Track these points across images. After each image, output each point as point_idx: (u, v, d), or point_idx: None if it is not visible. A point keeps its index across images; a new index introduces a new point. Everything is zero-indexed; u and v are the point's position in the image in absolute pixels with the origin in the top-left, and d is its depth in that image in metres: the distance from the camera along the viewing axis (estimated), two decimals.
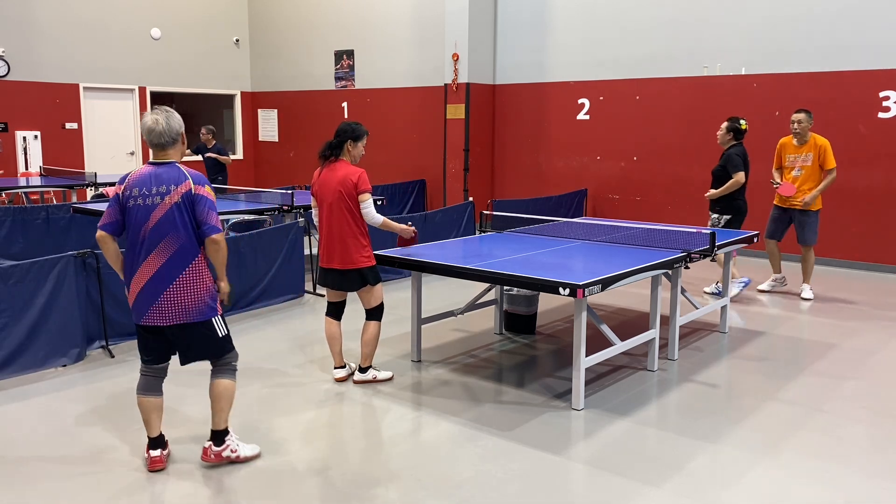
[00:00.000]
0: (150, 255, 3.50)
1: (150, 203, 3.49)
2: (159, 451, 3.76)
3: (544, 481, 3.67)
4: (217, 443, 3.76)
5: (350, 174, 4.66)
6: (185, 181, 3.52)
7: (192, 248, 3.53)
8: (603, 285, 4.37)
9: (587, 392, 4.79)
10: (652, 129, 10.55)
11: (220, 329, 3.67)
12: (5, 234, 8.47)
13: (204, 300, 3.58)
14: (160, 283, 3.50)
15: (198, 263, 3.56)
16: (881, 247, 8.89)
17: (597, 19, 10.87)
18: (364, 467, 3.81)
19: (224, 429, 3.77)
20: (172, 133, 3.59)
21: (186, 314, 3.54)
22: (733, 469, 3.80)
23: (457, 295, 7.39)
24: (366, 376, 4.98)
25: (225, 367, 3.76)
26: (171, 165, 3.58)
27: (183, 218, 3.49)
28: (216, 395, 3.73)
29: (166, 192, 3.49)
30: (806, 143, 7.24)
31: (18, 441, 4.09)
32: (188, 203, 3.50)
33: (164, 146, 3.60)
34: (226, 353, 3.73)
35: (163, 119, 3.58)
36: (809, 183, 7.27)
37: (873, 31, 8.69)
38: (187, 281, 3.53)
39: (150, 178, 3.53)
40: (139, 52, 13.98)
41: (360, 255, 4.74)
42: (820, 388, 4.98)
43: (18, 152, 12.61)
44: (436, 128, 12.55)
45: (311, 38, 14.48)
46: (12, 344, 5.06)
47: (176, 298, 3.52)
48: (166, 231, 3.48)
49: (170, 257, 3.50)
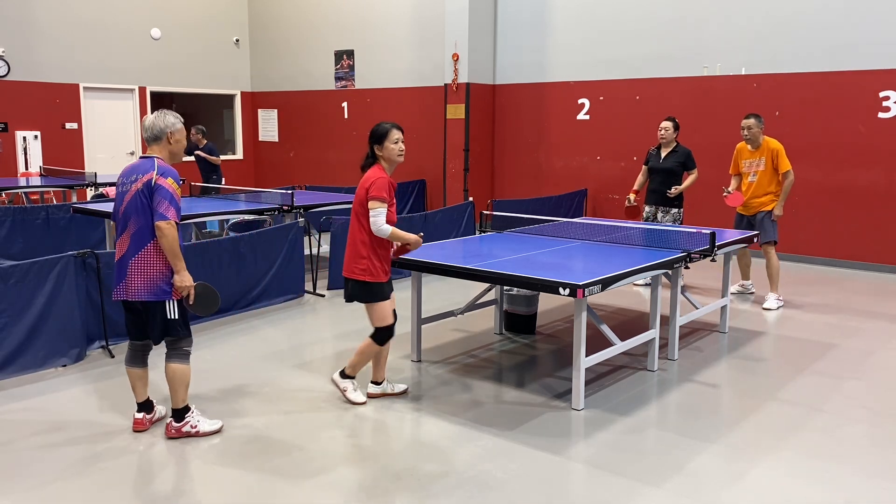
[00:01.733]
0: (122, 236, 3.93)
1: (124, 190, 3.94)
2: (143, 414, 4.19)
3: (544, 481, 3.67)
4: (177, 419, 4.11)
5: (367, 178, 4.34)
6: (150, 172, 3.88)
7: (149, 233, 3.88)
8: (603, 285, 4.37)
9: (587, 392, 4.79)
10: (652, 129, 10.53)
11: (171, 312, 3.98)
12: (5, 234, 8.47)
13: (155, 282, 3.91)
14: (125, 262, 3.92)
15: (151, 247, 3.90)
16: (881, 247, 8.89)
17: (597, 19, 10.88)
18: (364, 467, 3.80)
19: (183, 407, 4.10)
20: (155, 130, 3.98)
21: (138, 292, 3.90)
22: (733, 469, 3.80)
23: (457, 295, 7.38)
24: (343, 382, 4.64)
25: (176, 351, 4.06)
26: (149, 159, 3.96)
27: (143, 203, 3.86)
28: (168, 377, 4.07)
29: (135, 180, 3.90)
30: (759, 148, 7.05)
31: (18, 441, 4.09)
32: (148, 191, 3.86)
33: (149, 141, 4.02)
34: (176, 336, 4.04)
35: (153, 117, 4.01)
36: (765, 187, 7.05)
37: (873, 31, 8.69)
38: (142, 262, 3.89)
39: (131, 169, 3.98)
40: (139, 52, 13.97)
41: (356, 266, 4.39)
42: (820, 388, 4.98)
43: (18, 152, 12.61)
44: (436, 128, 12.54)
45: (311, 38, 14.48)
46: (12, 344, 5.06)
47: (133, 277, 3.90)
48: (130, 214, 3.89)
49: (131, 238, 3.90)
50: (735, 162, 7.33)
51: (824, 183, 9.21)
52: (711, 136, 9.94)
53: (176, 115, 4.09)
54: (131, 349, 4.16)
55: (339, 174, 14.03)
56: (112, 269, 5.60)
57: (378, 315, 4.44)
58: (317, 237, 8.26)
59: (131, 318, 4.08)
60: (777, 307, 7.06)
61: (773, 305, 7.06)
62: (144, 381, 4.19)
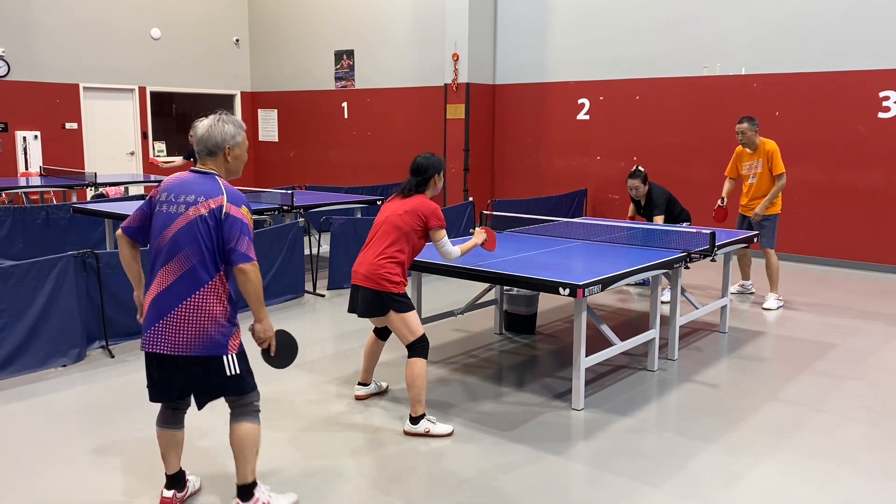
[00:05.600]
0: (164, 268, 3.06)
1: (173, 211, 3.07)
2: (173, 492, 3.32)
3: (544, 481, 3.67)
4: (244, 497, 3.23)
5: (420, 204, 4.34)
6: (219, 196, 3.06)
7: (207, 271, 3.04)
8: (603, 285, 4.37)
9: (587, 392, 4.79)
10: (652, 129, 10.56)
11: (231, 368, 3.12)
12: (5, 234, 8.48)
13: (209, 332, 3.05)
14: (166, 303, 3.05)
15: (210, 289, 3.05)
16: (881, 247, 8.89)
17: (597, 19, 10.88)
18: (364, 467, 3.80)
19: (251, 482, 3.24)
20: (210, 143, 3.17)
21: (188, 345, 3.03)
22: (733, 469, 3.80)
23: (457, 295, 7.38)
24: (416, 427, 4.19)
25: (245, 408, 3.21)
26: (208, 176, 3.14)
27: (204, 235, 3.03)
28: (235, 442, 3.19)
29: (193, 202, 3.05)
30: (757, 150, 7.03)
31: (18, 441, 4.09)
32: (214, 221, 3.03)
33: (201, 154, 3.20)
34: (241, 392, 3.18)
35: (207, 124, 3.19)
36: (765, 189, 7.03)
37: (873, 31, 8.69)
38: (194, 308, 3.03)
39: (181, 185, 3.13)
40: (139, 52, 13.98)
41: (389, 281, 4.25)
42: (820, 388, 4.98)
43: (18, 152, 12.61)
44: (436, 128, 12.54)
45: (311, 38, 14.48)
46: (12, 344, 5.06)
47: (181, 326, 3.03)
48: (183, 245, 3.03)
49: (181, 275, 3.04)
50: (734, 165, 7.29)
51: (824, 183, 9.21)
52: (711, 136, 9.94)
53: (238, 122, 3.27)
54: (167, 408, 3.29)
55: (340, 174, 14.03)
56: (112, 269, 5.66)
57: (414, 324, 4.29)
58: (317, 237, 8.26)
59: (166, 376, 3.14)
60: (777, 307, 7.06)
61: (773, 305, 7.06)
62: (179, 448, 3.32)
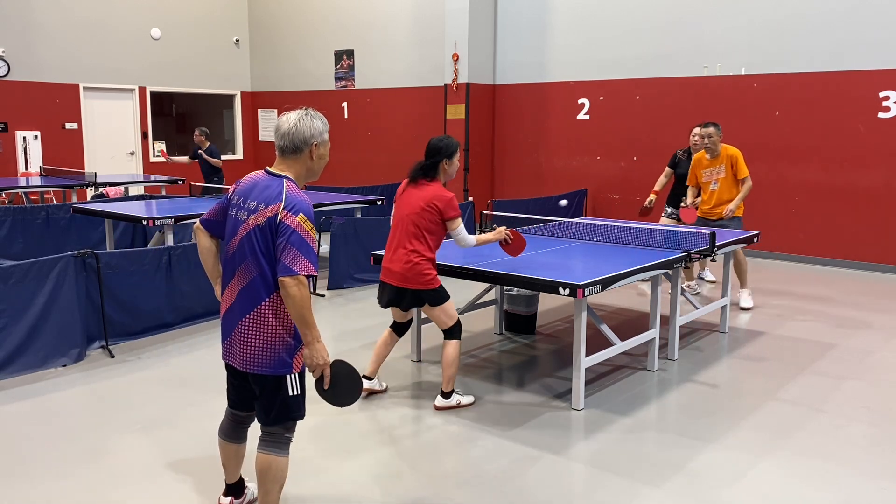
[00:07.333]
0: (234, 278, 2.89)
1: (241, 218, 2.87)
2: (230, 498, 3.30)
3: (544, 482, 3.67)
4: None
5: (436, 195, 4.48)
6: (277, 203, 2.78)
7: (266, 285, 2.82)
8: (603, 285, 4.37)
9: (587, 392, 4.79)
10: (652, 129, 10.56)
11: (293, 388, 2.93)
12: (5, 234, 8.48)
13: (274, 351, 2.85)
14: (235, 315, 2.89)
15: (266, 306, 2.83)
16: (881, 247, 8.89)
17: (597, 19, 10.88)
18: (364, 468, 3.81)
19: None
20: (297, 138, 2.87)
21: (252, 363, 2.87)
22: (733, 469, 3.80)
23: (457, 295, 7.36)
24: (449, 402, 4.59)
25: (276, 437, 2.99)
26: (278, 179, 2.86)
27: (261, 246, 2.80)
28: (261, 472, 2.97)
29: (254, 209, 2.82)
30: (718, 156, 6.97)
31: (18, 441, 4.09)
32: (270, 229, 2.78)
33: (283, 151, 2.91)
34: (286, 418, 2.97)
35: (295, 119, 2.89)
36: (728, 194, 6.98)
37: (873, 31, 8.69)
38: (255, 324, 2.84)
39: (251, 188, 2.89)
40: (139, 52, 13.98)
41: (423, 278, 4.43)
42: (820, 388, 4.98)
43: (18, 152, 12.62)
44: (436, 128, 12.54)
45: (311, 38, 14.49)
46: (12, 344, 5.06)
47: (245, 342, 2.87)
48: (244, 256, 2.84)
49: (244, 287, 2.85)
50: (692, 174, 7.18)
51: (824, 183, 9.21)
52: None
53: (325, 119, 2.99)
54: (231, 420, 3.18)
55: (340, 174, 14.03)
56: (112, 269, 5.67)
57: (452, 311, 4.53)
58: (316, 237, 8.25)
59: (235, 385, 3.07)
60: (752, 305, 7.12)
61: (748, 303, 7.09)
62: (239, 459, 3.25)
